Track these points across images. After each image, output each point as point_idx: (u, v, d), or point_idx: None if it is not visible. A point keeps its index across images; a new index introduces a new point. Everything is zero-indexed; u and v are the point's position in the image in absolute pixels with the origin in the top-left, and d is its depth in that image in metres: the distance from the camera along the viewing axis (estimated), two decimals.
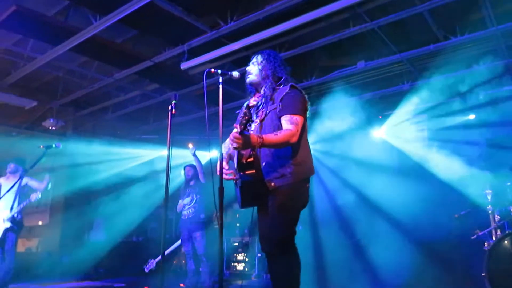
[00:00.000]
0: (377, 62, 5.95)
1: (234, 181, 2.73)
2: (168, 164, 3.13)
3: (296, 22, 4.83)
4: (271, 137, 2.47)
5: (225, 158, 2.82)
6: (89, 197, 8.42)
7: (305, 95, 2.74)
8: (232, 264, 7.84)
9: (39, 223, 8.85)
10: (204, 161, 6.45)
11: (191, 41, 5.55)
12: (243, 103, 2.86)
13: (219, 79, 2.72)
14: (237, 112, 2.89)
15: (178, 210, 6.01)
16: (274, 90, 2.74)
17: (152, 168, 9.33)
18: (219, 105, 2.62)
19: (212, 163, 2.82)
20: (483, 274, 4.17)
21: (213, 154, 7.56)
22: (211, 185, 2.57)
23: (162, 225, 3.21)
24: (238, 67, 5.73)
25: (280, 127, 2.59)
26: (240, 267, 7.75)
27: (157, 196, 8.68)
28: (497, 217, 4.47)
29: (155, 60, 6.01)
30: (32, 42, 5.88)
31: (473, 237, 4.60)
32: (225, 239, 7.80)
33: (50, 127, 7.94)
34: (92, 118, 8.77)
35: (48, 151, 5.01)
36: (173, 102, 3.19)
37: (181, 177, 6.51)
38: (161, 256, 3.19)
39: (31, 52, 6.01)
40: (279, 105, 2.61)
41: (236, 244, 7.94)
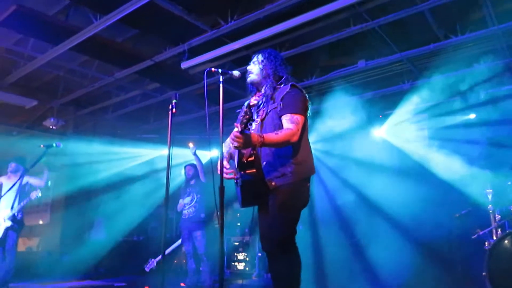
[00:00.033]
0: (378, 62, 5.94)
1: (234, 180, 2.73)
2: (169, 164, 3.13)
3: (296, 22, 4.83)
4: (272, 136, 2.47)
5: (225, 157, 2.82)
6: (89, 196, 8.44)
7: (306, 94, 2.74)
8: (233, 263, 7.84)
9: (40, 222, 8.86)
10: (205, 160, 6.46)
11: (192, 40, 5.55)
12: (244, 103, 2.86)
13: (220, 78, 2.72)
14: (238, 111, 2.89)
15: (179, 210, 6.02)
16: (275, 89, 2.74)
17: (153, 168, 9.33)
18: (219, 104, 2.63)
19: (212, 162, 2.82)
20: (483, 273, 4.16)
21: (213, 153, 7.55)
22: (211, 184, 2.57)
23: (162, 224, 3.21)
24: (239, 66, 5.73)
25: (280, 126, 2.59)
26: (240, 266, 7.75)
27: (158, 195, 8.69)
28: (497, 216, 4.46)
29: (156, 59, 6.01)
30: (32, 41, 5.88)
31: (473, 237, 4.60)
32: (226, 239, 7.80)
33: (51, 127, 7.94)
34: (93, 117, 8.77)
35: (49, 150, 5.02)
36: (173, 101, 3.19)
37: (182, 177, 6.52)
38: (161, 256, 3.19)
39: (31, 51, 6.01)
40: (280, 104, 2.61)
41: (237, 243, 7.94)
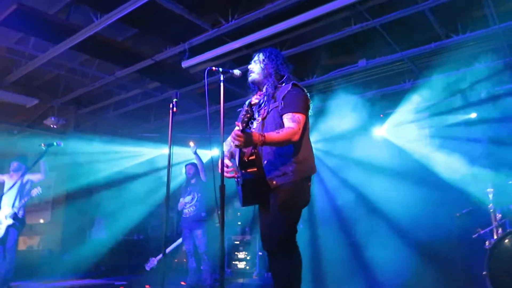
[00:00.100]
0: (379, 61, 5.94)
1: (235, 179, 2.73)
2: (169, 162, 3.13)
3: (297, 21, 4.82)
4: (273, 135, 2.46)
5: (226, 156, 2.82)
6: (90, 195, 8.45)
7: (307, 93, 2.74)
8: (233, 262, 7.84)
9: (41, 221, 8.87)
10: (205, 159, 6.46)
11: (192, 39, 5.54)
12: (245, 102, 2.85)
13: (220, 77, 2.72)
14: (239, 110, 2.89)
15: (179, 208, 6.02)
16: (276, 88, 2.74)
17: (153, 167, 9.34)
18: (220, 103, 2.62)
19: (213, 161, 2.82)
20: (484, 273, 4.16)
21: (214, 152, 7.55)
22: (212, 183, 2.57)
23: (163, 223, 3.21)
24: (239, 65, 5.72)
25: (282, 125, 2.59)
26: (241, 265, 7.76)
27: (158, 194, 8.70)
28: (498, 215, 4.45)
29: (156, 58, 6.01)
30: (33, 40, 5.87)
31: (474, 236, 4.59)
32: (226, 237, 7.80)
33: (52, 125, 7.94)
34: (93, 116, 8.77)
35: (50, 149, 5.03)
36: (174, 100, 3.20)
37: (182, 175, 6.52)
38: (162, 254, 3.19)
39: (32, 50, 6.00)
40: (281, 103, 2.60)
41: (237, 242, 7.95)
